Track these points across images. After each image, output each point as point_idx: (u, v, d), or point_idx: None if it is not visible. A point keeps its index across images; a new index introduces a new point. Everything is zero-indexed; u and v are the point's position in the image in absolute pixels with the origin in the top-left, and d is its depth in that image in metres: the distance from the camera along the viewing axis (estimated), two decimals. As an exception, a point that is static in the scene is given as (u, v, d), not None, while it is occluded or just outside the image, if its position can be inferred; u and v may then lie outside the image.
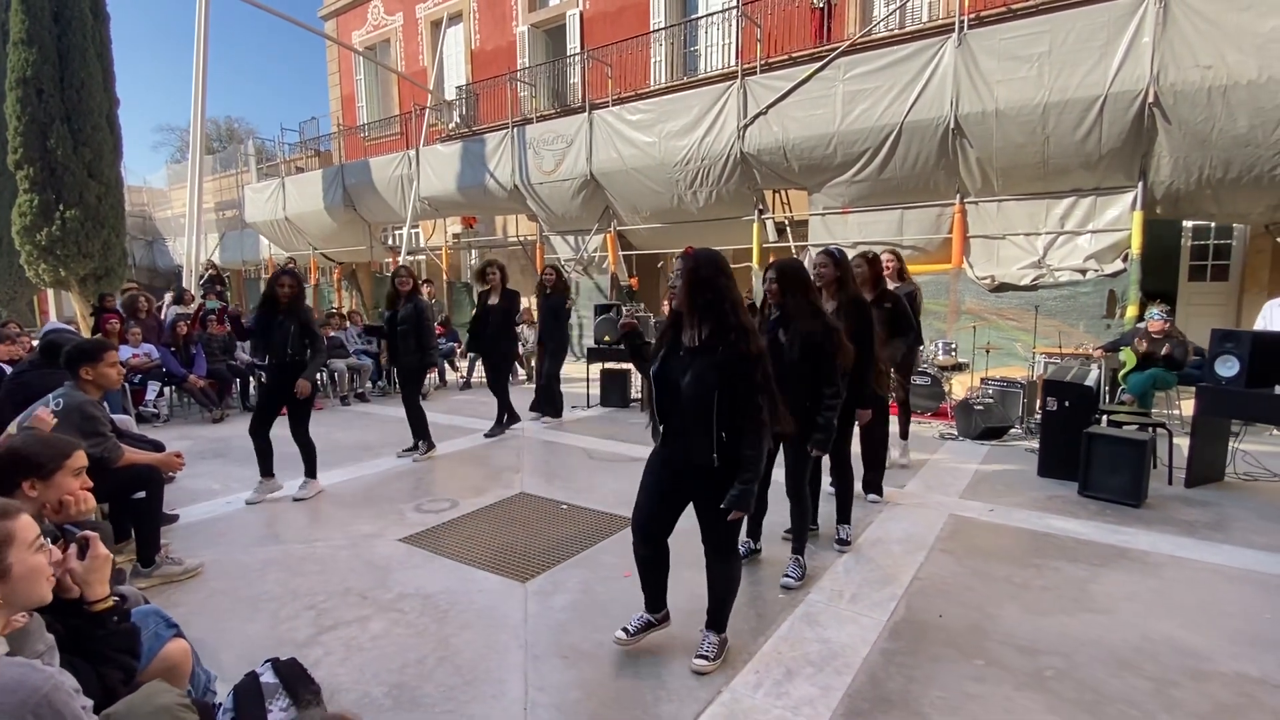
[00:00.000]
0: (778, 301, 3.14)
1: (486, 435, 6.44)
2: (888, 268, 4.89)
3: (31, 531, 1.31)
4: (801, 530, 3.33)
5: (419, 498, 4.63)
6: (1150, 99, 6.80)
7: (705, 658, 2.52)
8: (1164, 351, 5.92)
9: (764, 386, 2.34)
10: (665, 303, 2.63)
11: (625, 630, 2.65)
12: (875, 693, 2.39)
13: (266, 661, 1.93)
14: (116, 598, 1.62)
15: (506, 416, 6.54)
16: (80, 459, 2.06)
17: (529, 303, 8.95)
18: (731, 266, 2.51)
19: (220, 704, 1.82)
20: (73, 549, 1.52)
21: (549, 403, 7.09)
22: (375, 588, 3.25)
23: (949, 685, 2.43)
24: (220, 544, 3.83)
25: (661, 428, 2.49)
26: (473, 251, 15.10)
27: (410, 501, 4.55)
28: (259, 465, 4.63)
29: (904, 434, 5.25)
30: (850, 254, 3.99)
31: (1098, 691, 2.39)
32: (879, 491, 4.40)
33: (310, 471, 4.72)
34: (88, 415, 3.14)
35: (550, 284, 7.00)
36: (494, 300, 6.38)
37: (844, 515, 3.75)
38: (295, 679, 1.88)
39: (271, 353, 4.58)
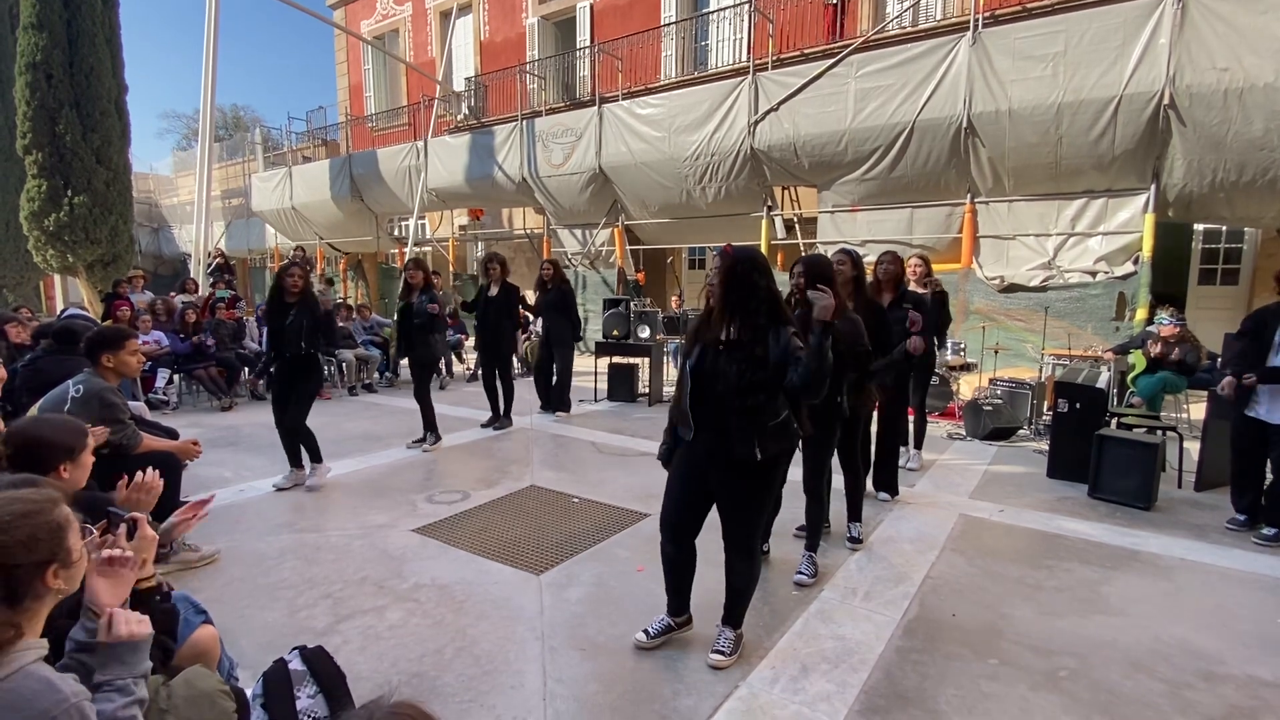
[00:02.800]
0: (803, 297, 3.14)
1: (483, 425, 6.45)
2: (915, 272, 4.88)
3: (74, 517, 1.33)
4: (817, 527, 3.35)
5: (430, 489, 4.65)
6: (1165, 101, 6.78)
7: (722, 653, 2.54)
8: (1175, 356, 5.90)
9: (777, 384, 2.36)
10: (704, 296, 2.65)
11: (645, 633, 2.66)
12: (891, 689, 2.41)
13: (294, 649, 1.96)
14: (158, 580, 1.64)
15: (505, 409, 6.54)
16: (90, 436, 2.08)
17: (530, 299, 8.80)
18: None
19: (249, 690, 1.84)
20: (122, 529, 1.54)
21: (560, 398, 7.10)
22: (391, 577, 3.28)
23: (964, 684, 2.45)
24: (235, 531, 3.86)
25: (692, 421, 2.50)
26: (479, 243, 15.10)
27: (422, 492, 4.57)
28: (288, 457, 4.71)
29: (919, 442, 5.22)
30: (864, 252, 3.99)
31: (1112, 693, 2.40)
32: (891, 490, 4.41)
33: (315, 457, 4.73)
34: (108, 402, 3.16)
35: (549, 279, 6.98)
36: (493, 293, 6.39)
37: (855, 513, 3.76)
38: (323, 667, 1.91)
39: (283, 345, 4.60)
